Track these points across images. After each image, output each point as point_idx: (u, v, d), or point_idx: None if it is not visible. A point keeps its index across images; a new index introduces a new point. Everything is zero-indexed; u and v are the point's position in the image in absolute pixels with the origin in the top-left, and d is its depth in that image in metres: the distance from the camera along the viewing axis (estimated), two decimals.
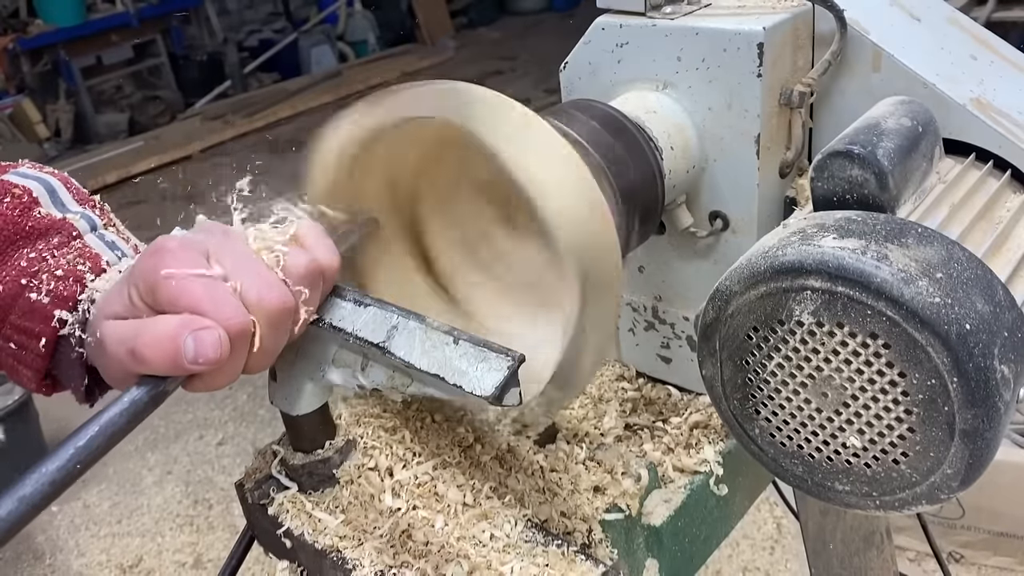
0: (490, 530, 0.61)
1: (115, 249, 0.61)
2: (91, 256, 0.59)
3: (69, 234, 0.60)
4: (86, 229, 0.62)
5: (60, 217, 0.61)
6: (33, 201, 0.61)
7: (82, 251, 0.59)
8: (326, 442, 0.64)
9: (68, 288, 0.57)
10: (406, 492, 0.63)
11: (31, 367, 0.59)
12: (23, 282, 0.57)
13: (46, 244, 0.59)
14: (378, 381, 0.57)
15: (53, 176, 0.64)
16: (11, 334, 0.58)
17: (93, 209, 0.64)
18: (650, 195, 0.68)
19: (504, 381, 0.50)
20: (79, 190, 0.65)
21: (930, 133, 0.64)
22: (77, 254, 0.59)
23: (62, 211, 0.62)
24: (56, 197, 0.63)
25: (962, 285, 0.49)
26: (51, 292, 0.57)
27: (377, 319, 0.55)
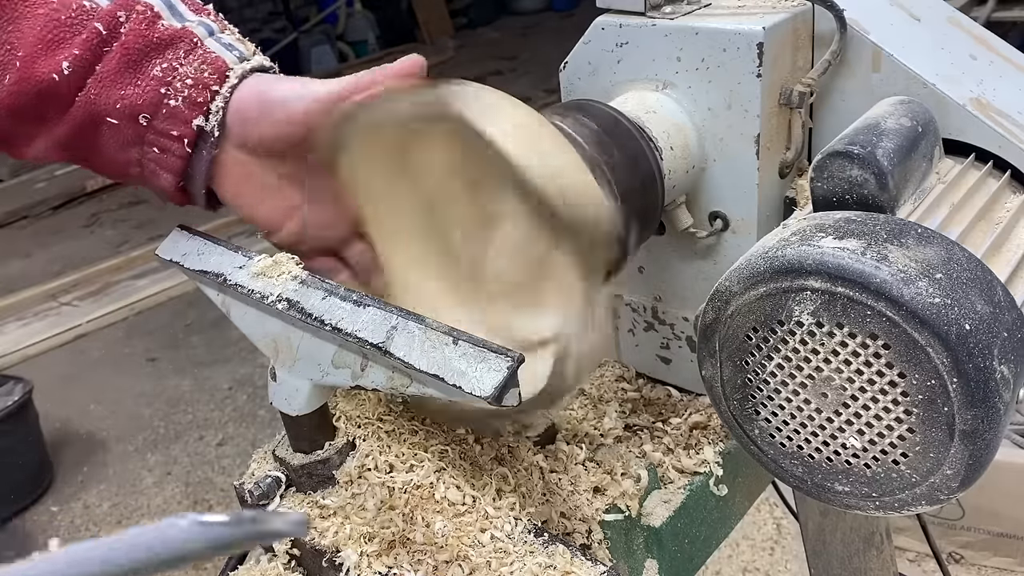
0: (490, 531, 0.61)
1: (233, 50, 0.66)
2: (213, 61, 0.65)
3: (191, 42, 0.65)
4: (205, 35, 0.66)
5: (181, 27, 0.65)
6: (156, 15, 0.65)
7: (205, 57, 0.65)
8: (326, 443, 0.64)
9: (200, 94, 0.63)
10: (406, 493, 0.63)
11: (171, 170, 0.65)
12: (162, 91, 0.63)
13: (174, 54, 0.64)
14: (378, 382, 0.57)
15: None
16: (155, 139, 0.64)
17: (208, 16, 0.68)
18: (650, 195, 0.68)
19: (503, 381, 0.50)
20: (194, 1, 0.69)
21: (930, 133, 0.64)
22: (201, 61, 0.64)
23: (181, 21, 0.66)
24: (175, 9, 0.67)
25: (962, 285, 0.49)
26: (186, 99, 0.63)
27: (376, 319, 0.55)
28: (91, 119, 0.64)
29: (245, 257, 0.64)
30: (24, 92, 0.63)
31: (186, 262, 0.67)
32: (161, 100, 0.63)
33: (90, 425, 2.93)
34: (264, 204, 0.68)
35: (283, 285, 0.61)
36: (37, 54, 0.63)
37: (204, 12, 0.69)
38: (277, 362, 0.63)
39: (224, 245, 0.67)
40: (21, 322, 3.58)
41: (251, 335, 0.65)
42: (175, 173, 0.65)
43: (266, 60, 0.69)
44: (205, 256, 0.66)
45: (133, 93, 0.63)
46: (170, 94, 0.63)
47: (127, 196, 4.88)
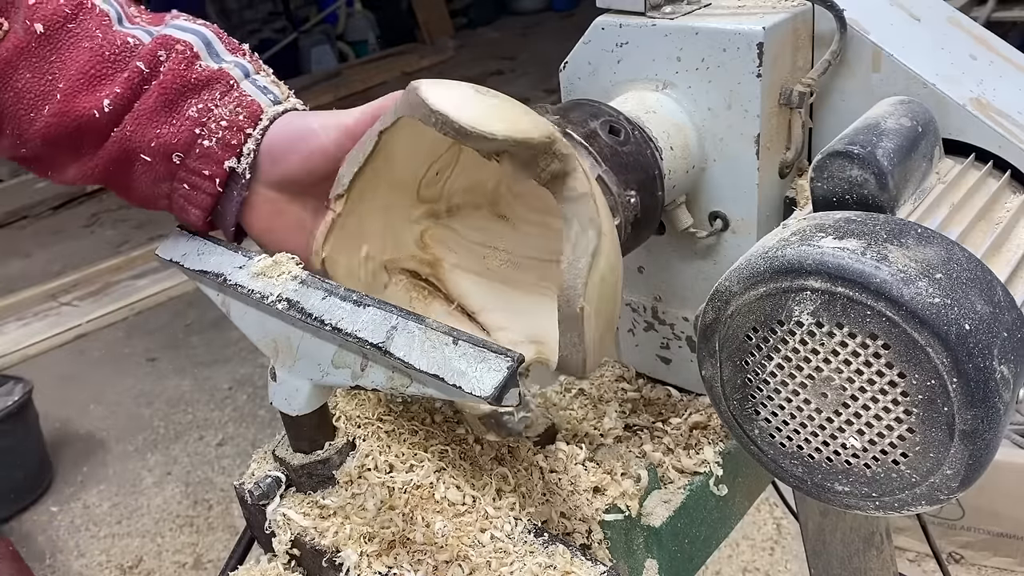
0: (490, 531, 0.61)
1: (268, 93, 0.68)
2: (249, 104, 0.66)
3: (227, 83, 0.67)
4: (241, 77, 0.68)
5: (217, 68, 0.67)
6: (194, 55, 0.66)
7: (241, 100, 0.66)
8: (325, 443, 0.64)
9: (234, 136, 0.65)
10: (406, 493, 0.63)
11: (200, 207, 0.67)
12: (196, 131, 0.65)
13: (210, 95, 0.66)
14: (377, 382, 0.57)
15: (207, 28, 0.70)
16: (186, 176, 0.66)
17: (243, 57, 0.70)
18: (650, 195, 0.68)
19: (503, 381, 0.50)
20: (229, 40, 0.71)
21: (930, 133, 0.64)
22: (237, 103, 0.66)
23: (218, 62, 0.68)
24: (212, 49, 0.68)
25: (962, 286, 0.49)
26: (220, 140, 0.65)
27: (376, 319, 0.55)
28: (125, 154, 0.65)
29: (245, 257, 0.64)
30: (62, 124, 0.64)
31: (186, 262, 0.67)
32: (195, 140, 0.65)
33: (90, 425, 2.93)
34: (293, 239, 0.68)
35: (283, 285, 0.61)
36: (79, 88, 0.64)
37: (240, 52, 0.70)
38: (277, 362, 0.63)
39: (224, 245, 0.67)
40: (21, 322, 3.58)
41: (251, 335, 0.65)
42: (204, 209, 0.67)
43: (299, 103, 0.70)
44: (205, 256, 0.66)
45: (168, 132, 0.64)
46: (204, 134, 0.65)
47: None
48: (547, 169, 0.55)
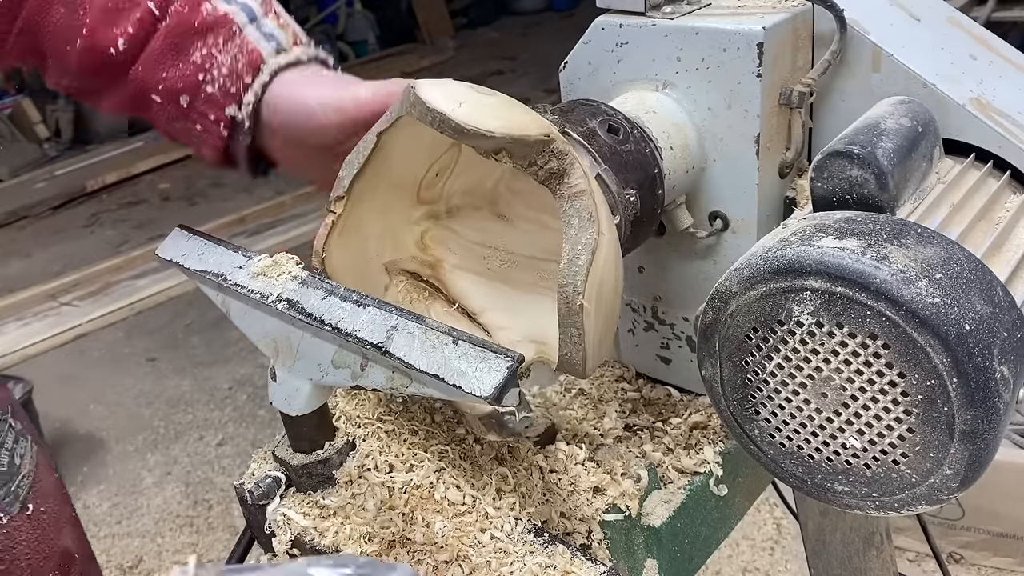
0: (490, 531, 0.61)
1: (271, 40, 0.68)
2: (250, 51, 0.67)
3: (230, 30, 0.67)
4: (245, 21, 0.68)
5: (223, 13, 0.68)
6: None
7: (242, 47, 0.67)
8: (325, 443, 0.64)
9: (234, 84, 0.67)
10: (406, 493, 0.63)
11: (213, 147, 0.70)
12: (200, 77, 0.67)
13: (214, 40, 0.67)
14: (377, 382, 0.57)
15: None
16: (196, 117, 0.69)
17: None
18: (650, 195, 0.68)
19: (503, 381, 0.50)
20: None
21: (930, 133, 0.64)
22: (238, 50, 0.67)
23: (227, 3, 0.69)
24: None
25: (962, 285, 0.49)
26: (222, 87, 0.67)
27: (376, 319, 0.55)
28: (141, 93, 0.68)
29: (245, 257, 0.64)
30: (91, 59, 0.68)
31: (186, 262, 0.67)
32: (199, 85, 0.67)
33: (90, 425, 2.93)
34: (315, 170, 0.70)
35: (283, 285, 0.61)
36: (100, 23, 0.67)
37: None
38: (277, 362, 0.63)
39: (224, 245, 0.67)
40: (21, 322, 3.58)
41: (251, 335, 0.65)
42: (215, 150, 0.70)
43: (308, 51, 0.70)
44: (205, 256, 0.66)
45: (174, 75, 0.67)
46: (208, 80, 0.67)
47: (127, 196, 4.88)
48: (545, 167, 0.55)
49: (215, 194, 4.70)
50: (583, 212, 0.56)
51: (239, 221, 4.24)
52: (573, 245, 0.55)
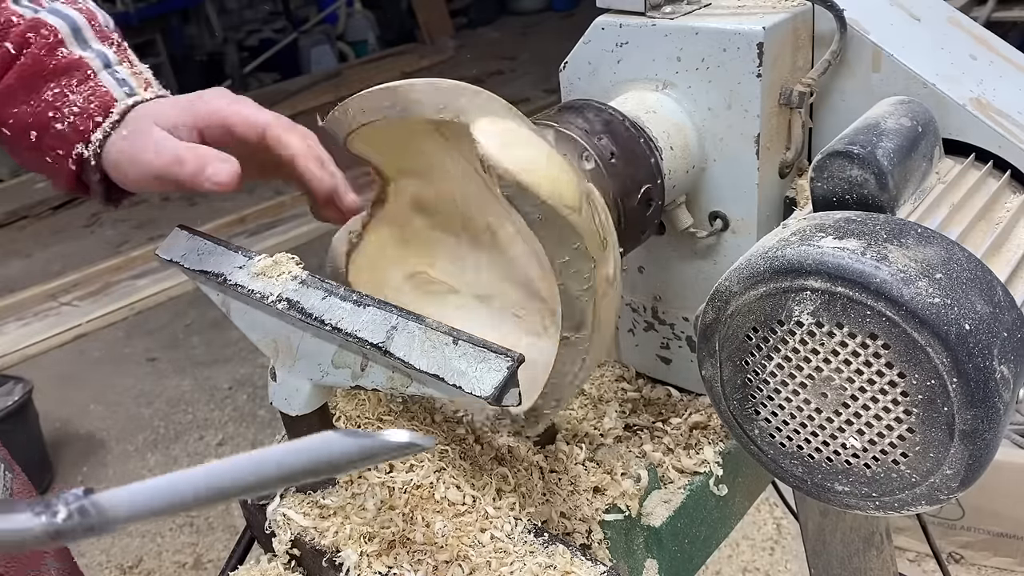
0: (490, 531, 0.61)
1: (124, 86, 0.72)
2: (102, 94, 0.71)
3: (85, 72, 0.71)
4: (100, 67, 0.72)
5: (78, 57, 0.72)
6: (58, 41, 0.71)
7: (95, 89, 0.71)
8: None
9: (83, 123, 0.70)
10: (406, 493, 0.63)
11: (64, 178, 0.72)
12: (50, 114, 0.70)
13: (67, 81, 0.71)
14: (378, 382, 0.57)
15: (80, 13, 0.74)
16: (47, 152, 0.72)
17: (111, 46, 0.74)
18: (650, 195, 0.67)
19: (503, 381, 0.50)
20: (101, 28, 0.75)
21: (930, 133, 0.64)
22: (91, 92, 0.70)
23: (83, 48, 0.72)
24: (80, 35, 0.73)
25: (962, 285, 0.49)
26: (71, 124, 0.70)
27: (377, 319, 0.55)
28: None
29: (245, 257, 0.64)
30: None
31: (186, 262, 0.67)
32: (49, 123, 0.70)
33: (90, 425, 2.93)
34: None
35: (283, 285, 0.61)
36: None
37: (108, 41, 0.74)
38: (277, 362, 0.63)
39: (224, 245, 0.67)
40: (21, 322, 3.58)
41: (251, 335, 0.65)
42: (67, 180, 0.73)
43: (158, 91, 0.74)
44: (205, 256, 0.66)
45: (24, 112, 0.70)
46: (58, 118, 0.70)
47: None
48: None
49: (215, 194, 4.69)
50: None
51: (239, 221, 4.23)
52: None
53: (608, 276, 0.56)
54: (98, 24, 0.75)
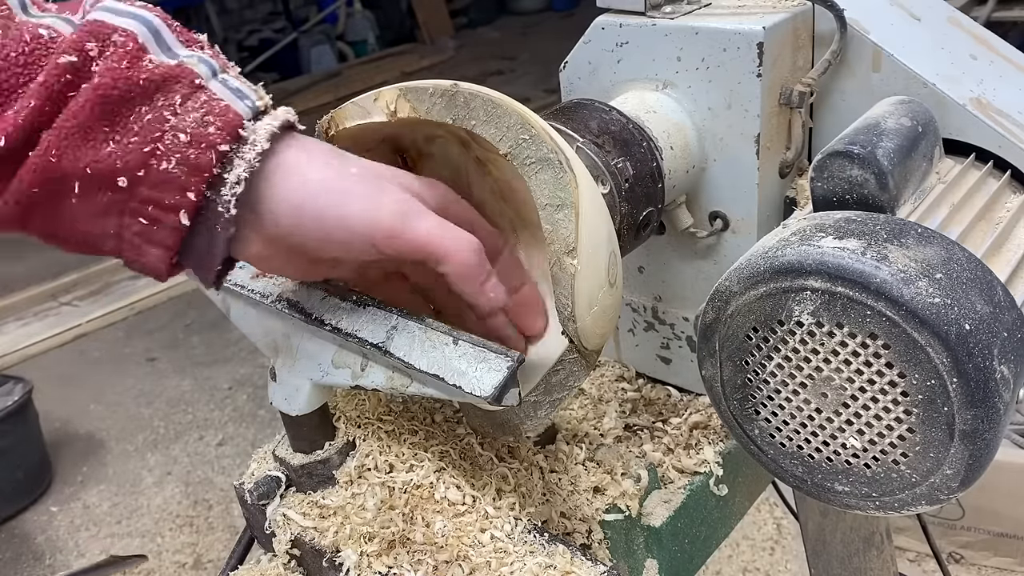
0: (490, 531, 0.61)
1: (243, 98, 0.50)
2: (221, 111, 0.49)
3: (191, 83, 0.49)
4: (208, 75, 0.50)
5: (175, 64, 0.49)
6: (140, 48, 0.49)
7: (211, 106, 0.49)
8: (325, 443, 0.64)
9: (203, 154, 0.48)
10: (406, 493, 0.63)
11: (163, 245, 0.50)
12: (146, 149, 0.48)
13: (166, 100, 0.49)
14: (378, 382, 0.57)
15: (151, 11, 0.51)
16: (140, 208, 0.49)
17: (203, 50, 0.52)
18: (650, 195, 0.67)
19: (503, 381, 0.50)
20: (182, 30, 0.52)
21: (930, 133, 0.64)
22: (206, 111, 0.49)
23: (172, 57, 0.50)
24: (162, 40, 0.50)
25: (962, 285, 0.49)
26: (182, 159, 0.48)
27: (377, 319, 0.55)
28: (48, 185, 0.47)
29: None
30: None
31: None
32: (147, 160, 0.47)
33: (90, 425, 2.93)
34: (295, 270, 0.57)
35: (283, 285, 0.61)
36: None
37: (197, 44, 0.52)
38: (277, 362, 0.63)
39: None
40: (21, 322, 3.58)
41: (251, 335, 0.65)
42: (167, 249, 0.50)
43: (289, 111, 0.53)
44: None
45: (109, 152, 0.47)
46: (161, 153, 0.48)
47: None
48: None
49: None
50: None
51: None
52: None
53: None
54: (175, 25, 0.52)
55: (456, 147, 0.64)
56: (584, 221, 0.53)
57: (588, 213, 0.54)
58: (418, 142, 0.66)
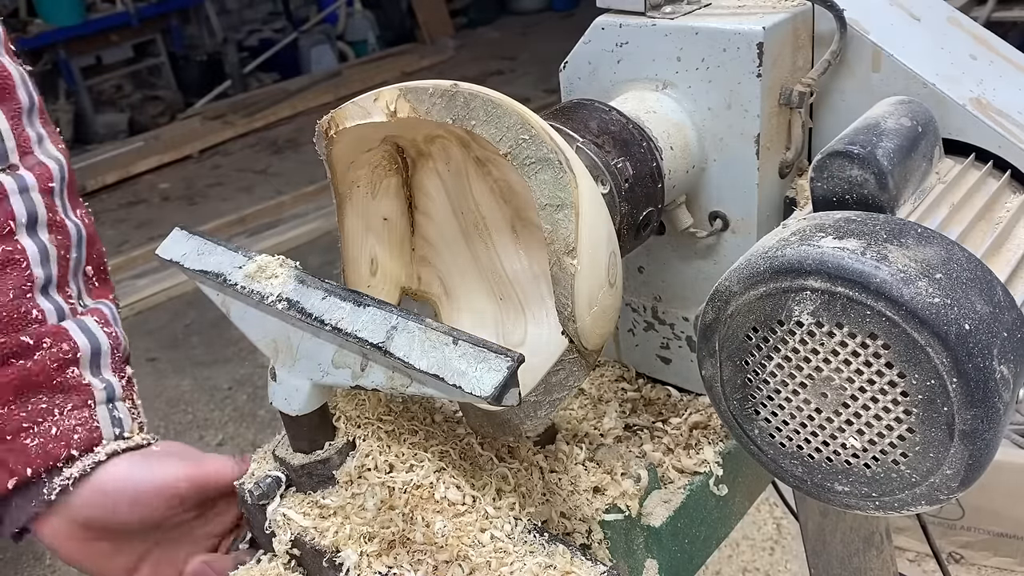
0: (490, 531, 0.61)
1: (117, 426, 0.68)
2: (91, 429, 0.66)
3: (85, 402, 0.67)
4: (102, 400, 0.68)
5: (86, 383, 0.67)
6: (74, 361, 0.67)
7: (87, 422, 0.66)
8: (325, 443, 0.64)
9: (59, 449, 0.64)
10: (406, 493, 0.63)
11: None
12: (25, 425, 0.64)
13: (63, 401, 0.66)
14: (378, 382, 0.57)
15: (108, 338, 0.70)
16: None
17: (121, 379, 0.71)
18: (650, 195, 0.68)
19: (503, 381, 0.50)
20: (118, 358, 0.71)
21: (930, 133, 0.64)
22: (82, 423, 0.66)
23: (95, 375, 0.68)
24: (97, 360, 0.69)
25: (961, 285, 0.49)
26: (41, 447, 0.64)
27: (376, 319, 0.55)
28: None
29: (245, 257, 0.64)
30: None
31: (186, 262, 0.67)
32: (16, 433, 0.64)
33: None
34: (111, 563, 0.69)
35: (283, 285, 0.61)
36: None
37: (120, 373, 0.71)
38: (277, 362, 0.63)
39: (224, 245, 0.67)
40: None
41: (251, 335, 0.65)
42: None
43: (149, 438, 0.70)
44: (205, 256, 0.66)
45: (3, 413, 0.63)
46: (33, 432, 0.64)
47: (127, 196, 4.88)
48: None
49: (215, 194, 4.70)
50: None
51: (239, 221, 4.23)
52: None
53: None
54: (119, 353, 0.71)
55: (456, 147, 0.64)
56: (584, 221, 0.53)
57: (588, 213, 0.54)
58: (418, 142, 0.66)
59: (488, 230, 0.67)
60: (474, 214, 0.67)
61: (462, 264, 0.70)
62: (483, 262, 0.68)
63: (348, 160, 0.65)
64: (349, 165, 0.65)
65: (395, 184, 0.69)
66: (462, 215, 0.68)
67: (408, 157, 0.68)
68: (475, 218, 0.67)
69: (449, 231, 0.69)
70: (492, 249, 0.67)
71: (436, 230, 0.70)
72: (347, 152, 0.64)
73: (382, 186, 0.68)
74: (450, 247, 0.70)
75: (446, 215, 0.69)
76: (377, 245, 0.69)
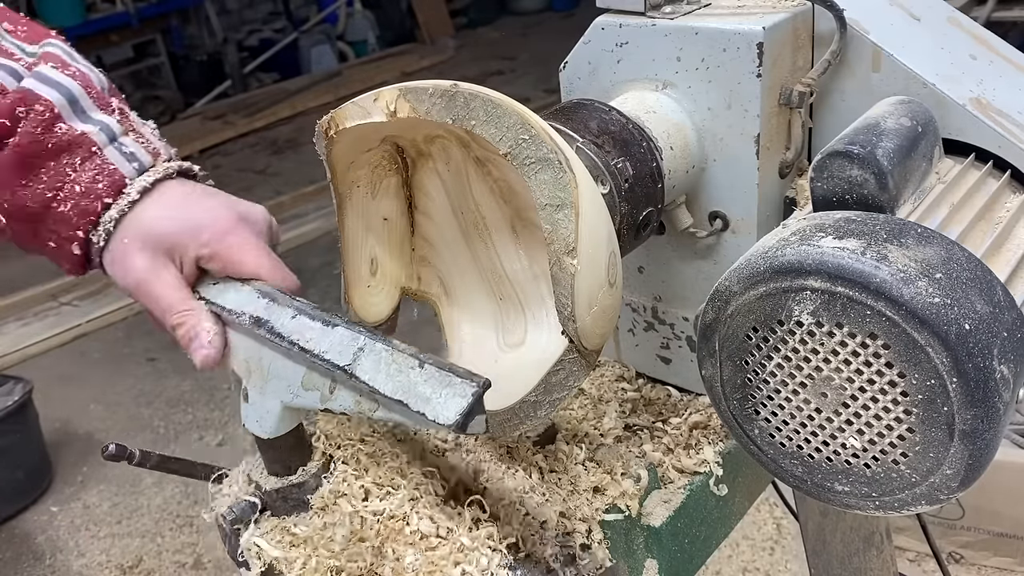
0: (463, 565, 0.59)
1: (133, 160, 0.66)
2: (109, 172, 0.65)
3: (89, 149, 0.65)
4: (105, 142, 0.66)
5: (80, 132, 0.65)
6: (55, 117, 0.64)
7: (102, 167, 0.65)
8: (299, 467, 0.63)
9: (91, 204, 0.64)
10: (379, 523, 0.61)
11: (69, 261, 0.67)
12: (49, 195, 0.64)
13: (69, 159, 0.65)
14: (346, 405, 0.56)
15: (74, 79, 0.66)
16: (48, 235, 0.66)
17: (113, 114, 0.68)
18: (650, 195, 0.67)
19: (468, 408, 0.49)
20: (99, 94, 0.68)
21: (930, 133, 0.64)
22: (97, 171, 0.65)
23: (83, 121, 0.66)
24: (77, 106, 0.66)
25: (961, 285, 0.49)
26: (75, 207, 0.64)
27: (344, 340, 0.54)
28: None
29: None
30: None
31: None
32: (48, 205, 0.64)
33: (90, 425, 2.93)
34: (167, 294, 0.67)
35: (254, 304, 0.60)
36: None
37: (108, 108, 0.68)
38: (249, 383, 0.62)
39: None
40: (21, 322, 3.58)
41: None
42: (74, 265, 0.67)
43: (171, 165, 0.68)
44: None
45: (23, 195, 0.64)
46: (59, 199, 0.64)
47: None
48: None
49: None
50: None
51: None
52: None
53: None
54: (95, 90, 0.68)
55: (456, 147, 0.64)
56: (584, 221, 0.53)
57: (588, 213, 0.53)
58: (418, 142, 0.66)
59: (488, 230, 0.67)
60: (474, 214, 0.67)
61: (462, 264, 0.70)
62: (483, 262, 0.68)
63: (348, 160, 0.64)
64: (349, 165, 0.65)
65: (395, 184, 0.69)
66: (462, 215, 0.68)
67: (408, 157, 0.68)
68: (475, 218, 0.67)
69: (449, 231, 0.69)
70: (492, 249, 0.67)
71: (436, 230, 0.70)
72: (347, 152, 0.63)
73: (382, 186, 0.68)
74: (450, 247, 0.70)
75: (446, 215, 0.69)
76: (377, 245, 0.69)
